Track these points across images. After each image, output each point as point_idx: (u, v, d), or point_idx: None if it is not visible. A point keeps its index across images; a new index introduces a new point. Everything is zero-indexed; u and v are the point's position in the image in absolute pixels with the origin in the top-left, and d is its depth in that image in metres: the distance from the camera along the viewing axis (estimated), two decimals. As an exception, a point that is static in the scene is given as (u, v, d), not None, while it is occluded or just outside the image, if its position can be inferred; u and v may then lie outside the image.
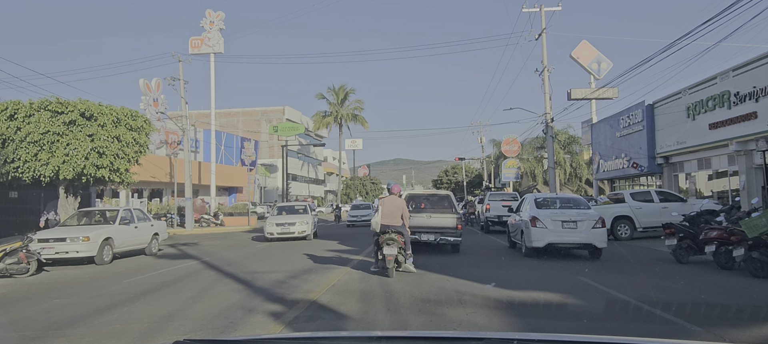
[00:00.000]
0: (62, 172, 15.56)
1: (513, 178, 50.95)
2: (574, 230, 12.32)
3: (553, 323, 6.44)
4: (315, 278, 9.84)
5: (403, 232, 9.98)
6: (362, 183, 78.86)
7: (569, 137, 47.77)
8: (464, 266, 11.26)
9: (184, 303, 7.77)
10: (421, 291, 8.28)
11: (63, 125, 16.06)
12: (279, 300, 7.73)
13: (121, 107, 17.04)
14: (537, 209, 12.96)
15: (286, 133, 55.03)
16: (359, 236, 21.26)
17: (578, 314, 6.69)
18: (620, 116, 29.54)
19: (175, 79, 29.95)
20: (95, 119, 16.42)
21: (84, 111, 16.33)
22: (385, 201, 10.30)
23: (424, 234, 12.99)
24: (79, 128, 16.24)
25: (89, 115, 16.45)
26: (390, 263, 9.53)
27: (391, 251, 9.54)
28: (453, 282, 9.04)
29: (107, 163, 16.05)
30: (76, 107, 16.19)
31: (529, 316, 6.65)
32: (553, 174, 26.31)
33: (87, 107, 16.29)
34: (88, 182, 16.33)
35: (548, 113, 25.57)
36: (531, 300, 7.49)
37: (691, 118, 22.58)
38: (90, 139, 16.15)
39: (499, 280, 9.16)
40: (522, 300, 7.52)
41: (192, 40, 36.16)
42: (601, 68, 37.01)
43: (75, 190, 16.96)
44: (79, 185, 16.70)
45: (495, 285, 8.65)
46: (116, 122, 16.75)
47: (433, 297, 7.80)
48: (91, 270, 12.11)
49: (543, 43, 25.59)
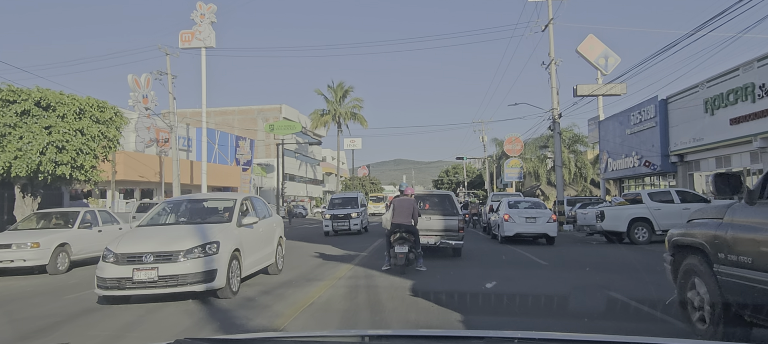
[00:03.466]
0: (14, 168, 13.86)
1: (516, 178, 49.45)
2: (534, 223, 16.62)
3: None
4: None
5: (414, 231, 10.26)
6: (362, 183, 77.32)
7: (574, 136, 46.33)
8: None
9: (120, 330, 6.28)
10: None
11: (15, 116, 14.25)
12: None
13: (87, 96, 15.27)
14: (509, 209, 17.38)
15: (283, 131, 53.58)
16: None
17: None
18: (631, 113, 28.09)
19: (163, 73, 28.49)
20: (53, 109, 14.64)
21: (40, 100, 14.57)
22: (397, 201, 10.55)
23: (423, 237, 11.90)
24: (34, 119, 14.45)
25: (46, 104, 14.68)
26: (402, 260, 9.85)
27: (403, 249, 9.89)
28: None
29: (68, 159, 14.26)
30: (30, 95, 14.45)
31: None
32: (560, 173, 24.81)
33: (44, 95, 14.51)
34: (45, 180, 14.61)
35: (555, 109, 24.07)
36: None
37: (710, 113, 21.13)
38: (47, 132, 14.36)
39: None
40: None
41: (182, 34, 34.62)
42: (609, 64, 35.56)
43: (34, 189, 15.29)
44: (38, 183, 15.00)
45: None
46: (79, 114, 14.99)
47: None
48: (39, 282, 10.53)
49: (550, 34, 24.11)
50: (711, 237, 4.72)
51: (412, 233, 10.22)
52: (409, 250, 9.99)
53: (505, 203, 18.12)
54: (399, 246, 9.90)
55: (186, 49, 34.90)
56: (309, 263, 12.44)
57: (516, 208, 17.54)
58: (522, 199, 19.60)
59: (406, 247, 9.91)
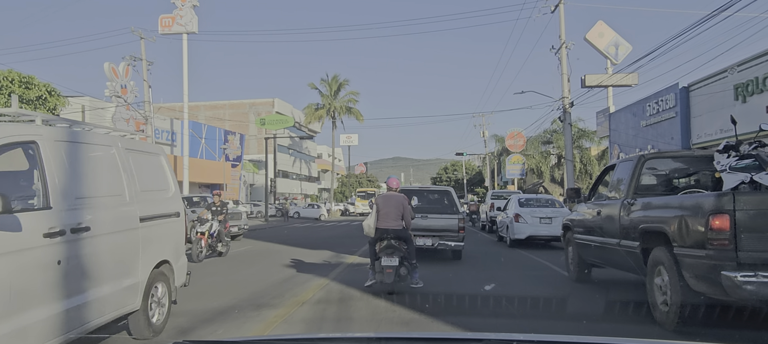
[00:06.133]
0: None
1: (517, 175, 47.54)
2: (549, 225, 14.95)
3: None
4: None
5: (406, 237, 8.08)
6: (359, 181, 75.09)
7: (579, 131, 44.33)
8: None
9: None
10: None
11: None
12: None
13: (8, 69, 12.66)
14: (520, 208, 15.84)
15: (274, 126, 51.25)
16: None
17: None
18: (647, 103, 25.82)
19: (137, 59, 26.15)
20: None
21: None
22: (381, 198, 8.31)
23: (419, 238, 11.13)
24: None
25: None
26: (390, 277, 7.62)
27: (392, 262, 7.69)
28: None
29: None
30: None
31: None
32: (570, 167, 22.65)
33: None
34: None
35: (566, 97, 21.84)
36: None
37: (741, 100, 18.88)
38: None
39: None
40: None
41: (162, 19, 32.37)
42: (619, 52, 33.38)
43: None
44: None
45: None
46: None
47: None
48: None
49: (560, 14, 21.87)
50: (570, 220, 9.65)
51: (404, 240, 8.04)
52: (401, 263, 7.79)
53: (516, 201, 16.43)
54: (387, 258, 7.73)
55: (166, 35, 32.66)
56: (274, 276, 10.12)
57: (528, 207, 15.93)
58: (535, 197, 18.06)
59: (396, 259, 7.73)
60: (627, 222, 7.02)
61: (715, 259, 5.10)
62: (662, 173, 7.80)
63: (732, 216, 5.00)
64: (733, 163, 5.93)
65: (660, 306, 5.99)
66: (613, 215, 7.47)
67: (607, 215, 7.81)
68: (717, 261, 5.08)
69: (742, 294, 4.92)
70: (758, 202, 5.18)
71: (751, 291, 4.87)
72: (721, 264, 5.04)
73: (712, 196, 5.38)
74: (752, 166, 5.81)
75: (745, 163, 5.88)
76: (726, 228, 5.00)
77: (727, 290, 4.96)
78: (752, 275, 4.87)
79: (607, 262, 8.14)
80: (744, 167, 5.83)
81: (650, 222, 6.39)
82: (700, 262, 5.29)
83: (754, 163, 5.86)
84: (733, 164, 5.92)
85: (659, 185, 7.59)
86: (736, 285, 4.85)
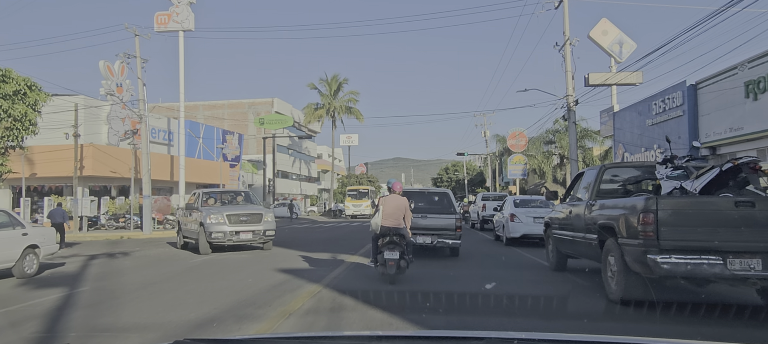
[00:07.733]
0: None
1: (519, 175, 46.89)
2: (542, 224, 15.57)
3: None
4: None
5: (405, 235, 9.40)
6: (359, 181, 74.45)
7: (582, 131, 43.70)
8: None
9: None
10: None
11: None
12: None
13: None
14: (515, 208, 16.72)
15: (273, 126, 50.71)
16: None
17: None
18: (652, 101, 25.21)
19: (131, 56, 25.59)
20: None
21: None
22: (385, 200, 9.57)
23: (419, 236, 12.08)
24: None
25: None
26: (392, 268, 8.99)
27: (393, 255, 9.00)
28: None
29: None
30: None
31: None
32: (574, 167, 22.05)
33: None
34: None
35: (570, 95, 21.25)
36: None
37: (752, 98, 18.29)
38: None
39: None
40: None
41: (158, 16, 31.76)
42: (624, 50, 32.71)
43: None
44: None
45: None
46: None
47: None
48: None
49: (565, 10, 21.26)
50: (550, 218, 11.22)
51: (404, 237, 9.35)
52: (401, 256, 9.10)
53: (511, 201, 17.61)
54: (389, 252, 8.99)
55: (162, 33, 32.08)
56: (264, 281, 9.55)
57: (523, 207, 16.87)
58: (530, 198, 19.26)
59: (397, 253, 9.01)
60: (589, 220, 8.46)
61: (643, 246, 6.54)
62: (619, 180, 9.11)
63: (655, 214, 6.43)
64: (669, 173, 7.45)
65: (610, 283, 7.51)
66: (580, 213, 8.96)
67: (576, 214, 9.31)
68: (645, 248, 6.53)
69: (661, 272, 6.36)
70: (674, 204, 6.66)
71: (667, 269, 6.32)
72: (647, 249, 6.50)
73: (642, 199, 6.75)
74: (682, 175, 7.41)
75: (678, 173, 7.41)
76: (651, 223, 6.42)
77: (651, 269, 6.40)
78: (668, 257, 6.34)
79: (577, 253, 9.69)
80: (677, 176, 7.43)
81: (604, 219, 7.81)
82: (635, 249, 6.70)
83: (684, 173, 7.41)
84: (669, 173, 7.44)
85: (616, 190, 8.90)
86: (657, 265, 6.31)
